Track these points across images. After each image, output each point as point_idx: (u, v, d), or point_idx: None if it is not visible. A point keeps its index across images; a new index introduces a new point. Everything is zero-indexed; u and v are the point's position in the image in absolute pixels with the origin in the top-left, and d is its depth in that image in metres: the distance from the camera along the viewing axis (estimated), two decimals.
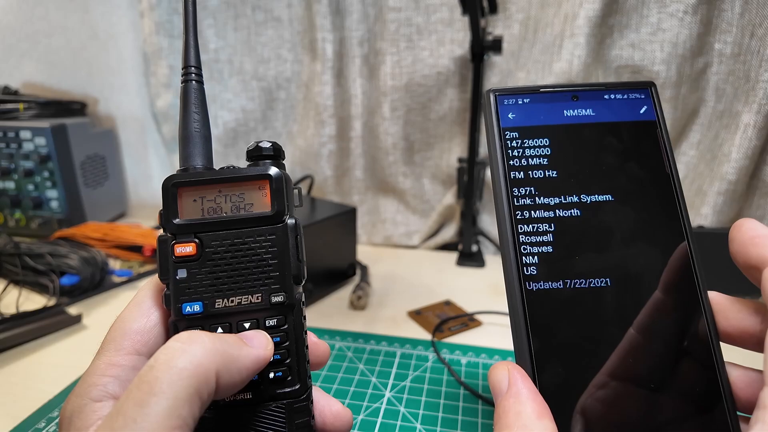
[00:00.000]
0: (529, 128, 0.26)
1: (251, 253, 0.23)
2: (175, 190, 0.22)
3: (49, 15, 0.90)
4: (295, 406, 0.22)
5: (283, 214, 0.23)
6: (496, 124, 0.26)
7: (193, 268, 0.22)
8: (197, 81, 0.24)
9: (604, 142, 0.25)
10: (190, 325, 0.22)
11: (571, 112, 0.26)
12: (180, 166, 0.24)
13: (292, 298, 0.23)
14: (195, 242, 0.22)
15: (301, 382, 0.23)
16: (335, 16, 0.77)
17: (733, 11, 0.67)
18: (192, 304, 0.22)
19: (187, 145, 0.24)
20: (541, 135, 0.26)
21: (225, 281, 0.22)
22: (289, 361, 0.23)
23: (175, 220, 0.22)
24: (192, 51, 0.24)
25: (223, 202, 0.23)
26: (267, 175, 0.23)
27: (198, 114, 0.24)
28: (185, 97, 0.24)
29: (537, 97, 0.26)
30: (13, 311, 0.56)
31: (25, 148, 0.79)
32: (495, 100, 0.26)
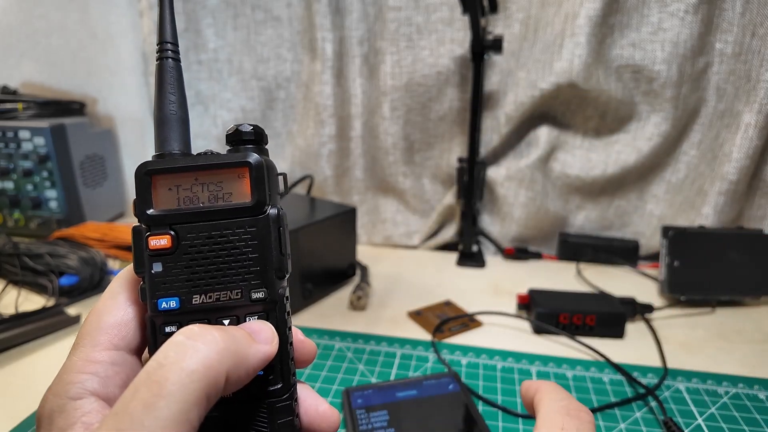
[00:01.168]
0: (371, 406, 0.42)
1: (230, 247, 0.21)
2: (148, 179, 0.21)
3: (49, 15, 0.89)
4: (278, 405, 0.22)
5: (264, 204, 0.21)
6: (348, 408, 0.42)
7: (169, 262, 0.21)
8: (173, 59, 0.22)
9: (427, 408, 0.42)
10: (166, 321, 0.21)
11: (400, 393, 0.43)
12: (155, 151, 0.22)
13: (274, 294, 0.22)
14: (170, 234, 0.21)
15: (284, 381, 0.22)
16: (335, 16, 0.77)
17: (734, 11, 0.67)
18: (168, 299, 0.21)
19: (162, 128, 0.22)
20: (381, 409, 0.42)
21: (202, 276, 0.21)
22: (272, 360, 0.22)
23: (148, 210, 0.21)
24: (168, 26, 0.22)
25: (200, 191, 0.21)
26: (246, 162, 0.21)
27: (174, 95, 0.22)
28: (160, 76, 0.22)
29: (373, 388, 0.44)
30: (12, 311, 0.55)
31: (24, 148, 0.78)
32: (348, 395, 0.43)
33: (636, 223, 0.80)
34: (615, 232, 0.81)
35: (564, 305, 0.57)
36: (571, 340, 0.55)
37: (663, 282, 0.64)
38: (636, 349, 0.53)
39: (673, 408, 0.44)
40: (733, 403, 0.45)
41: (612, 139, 0.76)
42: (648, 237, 0.78)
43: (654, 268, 0.75)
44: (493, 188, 0.80)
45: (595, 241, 0.78)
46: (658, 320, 0.60)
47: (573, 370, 0.49)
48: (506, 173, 0.77)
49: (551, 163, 0.78)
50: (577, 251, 0.78)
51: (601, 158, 0.76)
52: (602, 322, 0.55)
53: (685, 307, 0.63)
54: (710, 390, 0.47)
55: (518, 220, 0.78)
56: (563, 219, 0.81)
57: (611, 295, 0.60)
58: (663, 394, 0.46)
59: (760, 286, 0.63)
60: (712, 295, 0.63)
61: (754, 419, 0.43)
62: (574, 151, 0.77)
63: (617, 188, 0.78)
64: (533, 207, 0.77)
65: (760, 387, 0.47)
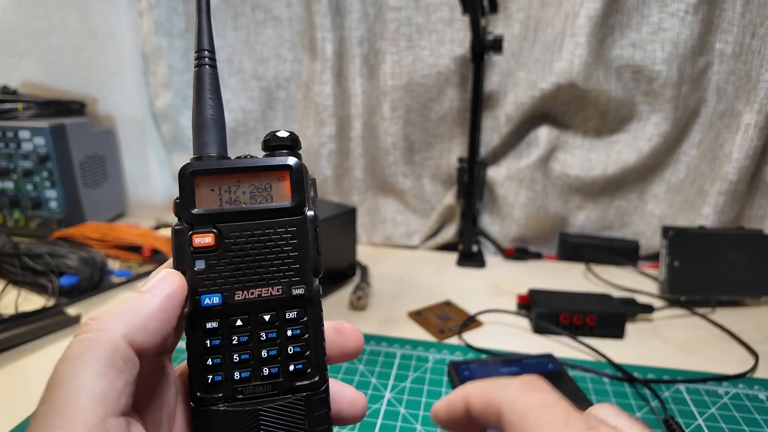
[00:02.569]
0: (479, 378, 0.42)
1: (271, 245, 0.22)
2: (192, 179, 0.22)
3: (49, 15, 0.89)
4: (314, 398, 0.22)
5: (303, 205, 0.23)
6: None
7: (212, 260, 0.22)
8: (211, 65, 0.23)
9: None
10: (208, 317, 0.22)
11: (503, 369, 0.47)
12: (194, 153, 0.23)
13: (312, 290, 0.23)
14: (214, 233, 0.22)
15: (320, 375, 0.23)
16: (335, 16, 0.77)
17: (734, 11, 0.67)
18: (211, 296, 0.22)
19: (201, 132, 0.23)
20: None
21: (245, 273, 0.22)
22: (309, 353, 0.23)
23: (192, 210, 0.22)
24: (205, 34, 0.23)
25: (242, 193, 0.22)
26: (287, 165, 0.22)
27: (213, 100, 0.23)
28: (199, 83, 0.23)
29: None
30: (12, 312, 0.55)
31: (24, 148, 0.78)
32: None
33: (636, 223, 0.80)
34: (615, 232, 0.81)
35: (564, 305, 0.57)
36: (572, 340, 0.55)
37: (663, 282, 0.64)
38: (636, 349, 0.53)
39: (673, 408, 0.44)
40: (733, 403, 0.45)
41: (612, 139, 0.76)
42: (648, 237, 0.78)
43: (654, 268, 0.75)
44: (493, 188, 0.79)
45: (596, 241, 0.78)
46: (658, 320, 0.60)
47: (573, 370, 0.49)
48: (506, 173, 0.77)
49: (551, 163, 0.78)
50: (577, 251, 0.78)
51: (602, 158, 0.76)
52: (602, 322, 0.55)
53: (685, 307, 0.63)
54: (710, 390, 0.47)
55: (518, 220, 0.78)
56: (563, 219, 0.81)
57: (611, 296, 0.60)
58: (663, 394, 0.46)
59: (760, 286, 0.63)
60: (712, 295, 0.63)
61: (754, 419, 0.43)
62: (574, 151, 0.77)
63: (617, 188, 0.78)
64: (533, 207, 0.77)
65: (760, 387, 0.47)
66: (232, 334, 0.22)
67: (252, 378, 0.22)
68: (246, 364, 0.22)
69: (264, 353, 0.22)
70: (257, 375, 0.22)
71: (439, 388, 0.46)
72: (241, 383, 0.22)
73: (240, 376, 0.22)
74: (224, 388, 0.22)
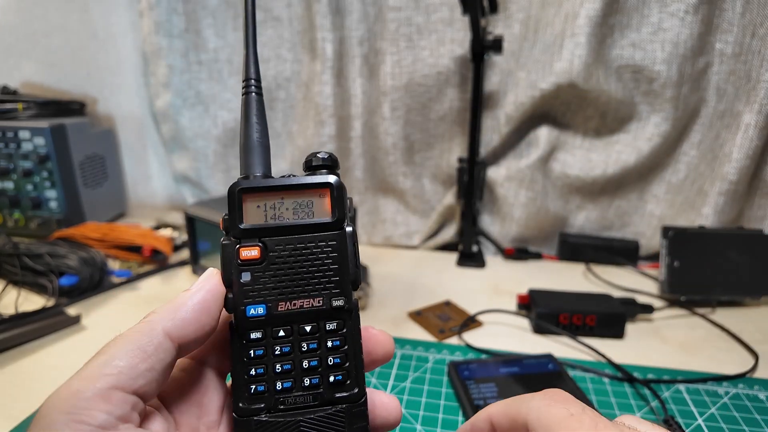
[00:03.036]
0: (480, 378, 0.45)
1: (313, 258, 0.23)
2: (240, 196, 0.23)
3: (48, 15, 0.89)
4: (354, 410, 0.23)
5: (343, 221, 0.24)
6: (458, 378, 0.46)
7: (257, 272, 0.23)
8: (257, 93, 0.25)
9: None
10: (252, 327, 0.22)
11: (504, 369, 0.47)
12: (241, 173, 0.24)
13: (351, 302, 0.23)
14: (259, 246, 0.23)
15: (359, 387, 0.23)
16: (335, 16, 0.77)
17: (734, 11, 0.67)
18: (255, 306, 0.22)
19: (249, 154, 0.24)
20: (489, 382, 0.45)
21: (288, 284, 0.23)
22: (348, 364, 0.23)
23: (240, 224, 0.23)
24: (252, 64, 0.25)
25: (285, 209, 0.23)
26: (328, 183, 0.23)
27: (259, 125, 0.25)
28: (247, 109, 0.25)
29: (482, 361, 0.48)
30: (12, 312, 0.55)
31: (24, 148, 0.78)
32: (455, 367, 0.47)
33: (636, 223, 0.80)
34: (615, 232, 0.81)
35: (564, 305, 0.57)
36: (572, 340, 0.55)
37: (663, 282, 0.64)
38: (636, 349, 0.53)
39: (673, 408, 0.44)
40: (733, 403, 0.45)
41: (612, 140, 0.76)
42: (648, 237, 0.78)
43: (654, 268, 0.75)
44: (493, 188, 0.79)
45: (596, 241, 0.78)
46: (658, 320, 0.60)
47: (573, 370, 0.49)
48: (506, 173, 0.77)
49: (551, 164, 0.78)
50: (577, 251, 0.78)
51: (602, 158, 0.76)
52: (602, 322, 0.55)
53: (685, 308, 0.63)
54: (710, 390, 0.47)
55: (518, 220, 0.78)
56: (563, 219, 0.81)
57: (611, 296, 0.60)
58: (663, 394, 0.46)
59: (760, 286, 0.63)
60: (712, 295, 0.63)
61: (754, 419, 0.43)
62: (574, 151, 0.77)
63: (617, 188, 0.78)
64: (533, 207, 0.77)
65: (760, 387, 0.47)
66: (275, 344, 0.23)
67: (294, 388, 0.23)
68: (288, 374, 0.23)
69: (305, 363, 0.23)
70: (299, 385, 0.23)
71: (439, 388, 0.46)
72: (283, 393, 0.22)
73: (282, 387, 0.22)
74: (266, 399, 0.22)
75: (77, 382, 0.18)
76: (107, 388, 0.18)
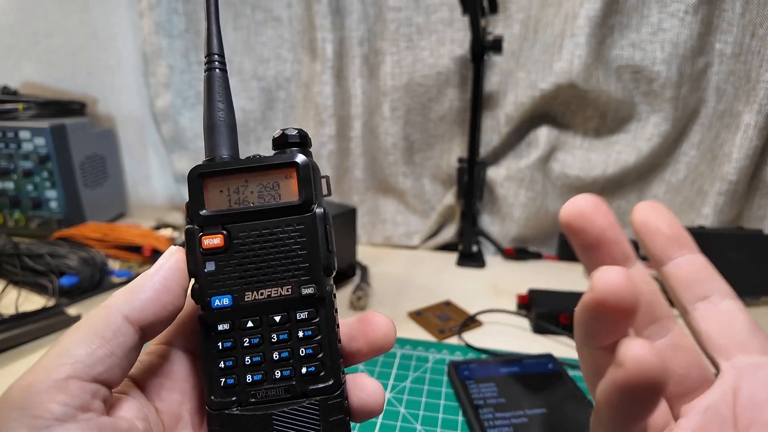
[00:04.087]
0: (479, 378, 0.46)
1: (280, 244, 0.22)
2: (200, 181, 0.22)
3: (49, 15, 0.89)
4: (329, 402, 0.22)
5: (312, 203, 0.22)
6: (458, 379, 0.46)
7: (222, 261, 0.22)
8: (221, 69, 0.24)
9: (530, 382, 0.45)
10: (219, 319, 0.22)
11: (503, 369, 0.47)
12: (206, 156, 0.23)
13: (323, 290, 0.22)
14: (223, 234, 0.22)
15: (335, 378, 0.22)
16: (335, 16, 0.77)
17: (733, 11, 0.67)
18: (221, 297, 0.22)
19: (212, 134, 0.23)
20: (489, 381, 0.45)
21: (254, 273, 0.22)
22: (322, 355, 0.22)
23: (201, 211, 0.22)
24: (215, 38, 0.23)
25: (250, 192, 0.22)
26: (294, 162, 0.22)
27: (222, 103, 0.24)
28: (209, 86, 0.24)
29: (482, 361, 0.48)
30: (12, 312, 0.55)
31: (25, 149, 0.78)
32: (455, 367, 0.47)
33: None
34: None
35: (564, 305, 0.57)
36: (572, 340, 0.55)
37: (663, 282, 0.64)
38: None
39: None
40: None
41: (612, 140, 0.76)
42: None
43: None
44: (493, 188, 0.80)
45: None
46: None
47: (573, 370, 0.49)
48: (506, 173, 0.77)
49: (551, 164, 0.78)
50: None
51: (601, 158, 0.76)
52: None
53: None
54: None
55: (518, 220, 0.78)
56: None
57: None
58: None
59: (760, 286, 0.63)
60: None
61: None
62: (574, 152, 0.77)
63: (617, 188, 0.78)
64: (533, 207, 0.77)
65: None
66: (244, 335, 0.22)
67: (264, 381, 0.22)
68: (258, 366, 0.22)
69: (276, 355, 0.22)
70: (270, 378, 0.22)
71: (439, 388, 0.46)
72: (253, 386, 0.22)
73: (252, 379, 0.22)
74: (237, 392, 0.21)
75: (31, 375, 0.18)
76: (63, 378, 0.18)
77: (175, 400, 0.22)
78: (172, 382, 0.22)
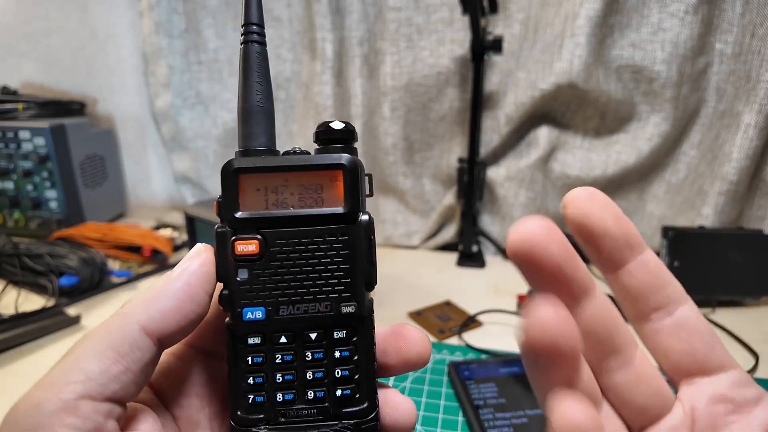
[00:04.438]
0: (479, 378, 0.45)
1: (320, 256, 0.20)
2: (236, 178, 0.20)
3: (49, 15, 0.89)
4: (363, 426, 0.20)
5: (357, 210, 0.20)
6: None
7: (256, 269, 0.20)
8: (260, 42, 0.21)
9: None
10: (250, 331, 0.20)
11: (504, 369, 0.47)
12: (239, 146, 0.21)
13: (363, 308, 0.20)
14: (258, 240, 0.19)
15: (369, 400, 0.21)
16: (335, 16, 0.77)
17: (733, 11, 0.67)
18: (254, 309, 0.20)
19: (248, 121, 0.21)
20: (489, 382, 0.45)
21: (291, 286, 0.20)
22: (358, 377, 0.21)
23: (236, 213, 0.19)
24: (254, 6, 0.20)
25: (290, 194, 0.20)
26: (341, 164, 0.20)
27: (261, 84, 0.21)
28: (246, 63, 0.21)
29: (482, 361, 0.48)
30: (12, 312, 0.55)
31: (24, 149, 0.78)
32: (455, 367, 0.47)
33: (636, 223, 0.79)
34: None
35: None
36: None
37: None
38: None
39: None
40: None
41: (612, 140, 0.76)
42: (648, 237, 0.78)
43: None
44: (493, 188, 0.79)
45: None
46: None
47: None
48: (506, 173, 0.77)
49: (551, 164, 0.78)
50: (577, 251, 0.78)
51: (602, 158, 0.76)
52: None
53: None
54: None
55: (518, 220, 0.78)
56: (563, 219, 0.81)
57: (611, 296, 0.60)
58: None
59: (760, 286, 0.63)
60: (712, 296, 0.63)
61: None
62: (574, 152, 0.77)
63: (617, 188, 0.78)
64: (533, 207, 0.77)
65: None
66: (276, 351, 0.20)
67: (296, 401, 0.20)
68: (290, 385, 0.20)
69: (309, 375, 0.20)
70: (301, 398, 0.20)
71: (439, 389, 0.46)
72: (284, 406, 0.20)
73: (283, 398, 0.20)
74: (266, 410, 0.20)
75: (40, 392, 0.16)
76: (74, 398, 0.16)
77: (194, 406, 0.21)
78: (191, 387, 0.21)
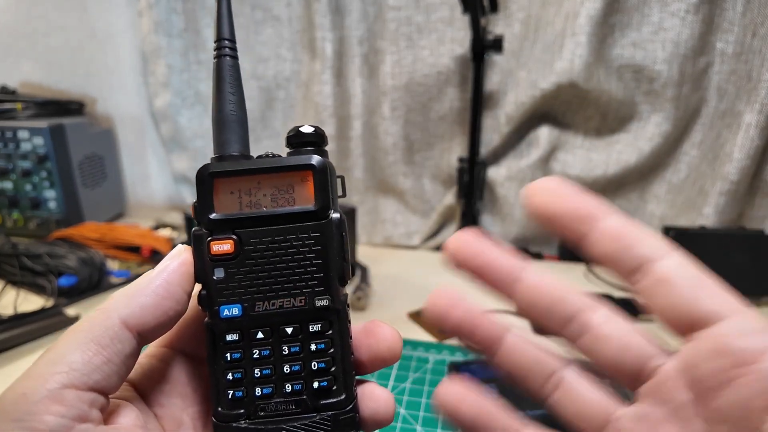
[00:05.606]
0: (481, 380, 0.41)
1: (293, 252, 0.21)
2: (211, 182, 0.21)
3: (48, 14, 0.89)
4: (341, 418, 0.21)
5: (328, 208, 0.21)
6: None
7: (231, 268, 0.21)
8: (231, 56, 0.22)
9: None
10: (228, 329, 0.21)
11: None
12: (215, 152, 0.22)
13: (338, 301, 0.21)
14: (233, 239, 0.21)
15: (347, 392, 0.21)
16: (335, 15, 0.77)
17: (734, 10, 0.66)
18: (230, 306, 0.21)
19: (222, 129, 0.22)
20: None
21: (265, 282, 0.21)
22: (335, 369, 0.21)
23: (211, 215, 0.21)
24: (225, 22, 0.22)
25: (262, 195, 0.21)
26: (310, 165, 0.21)
27: (234, 95, 0.22)
28: (219, 75, 0.22)
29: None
30: (10, 312, 0.55)
31: (23, 148, 0.78)
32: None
33: None
34: None
35: None
36: None
37: None
38: None
39: None
40: None
41: (613, 139, 0.75)
42: None
43: None
44: (493, 188, 0.79)
45: None
46: None
47: None
48: (507, 173, 0.77)
49: (552, 163, 0.78)
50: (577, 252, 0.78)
51: (602, 158, 0.75)
52: None
53: None
54: None
55: (519, 220, 0.78)
56: None
57: (612, 296, 0.60)
58: None
59: (761, 286, 0.63)
60: None
61: None
62: (574, 151, 0.77)
63: (618, 188, 0.78)
64: None
65: None
66: (253, 347, 0.21)
67: (274, 394, 0.21)
68: (268, 379, 0.21)
69: (286, 368, 0.21)
70: (280, 391, 0.21)
71: None
72: (262, 400, 0.21)
73: (261, 393, 0.21)
74: (246, 405, 0.21)
75: (25, 383, 0.17)
76: (59, 387, 0.17)
77: (176, 405, 0.21)
78: (173, 387, 0.22)
